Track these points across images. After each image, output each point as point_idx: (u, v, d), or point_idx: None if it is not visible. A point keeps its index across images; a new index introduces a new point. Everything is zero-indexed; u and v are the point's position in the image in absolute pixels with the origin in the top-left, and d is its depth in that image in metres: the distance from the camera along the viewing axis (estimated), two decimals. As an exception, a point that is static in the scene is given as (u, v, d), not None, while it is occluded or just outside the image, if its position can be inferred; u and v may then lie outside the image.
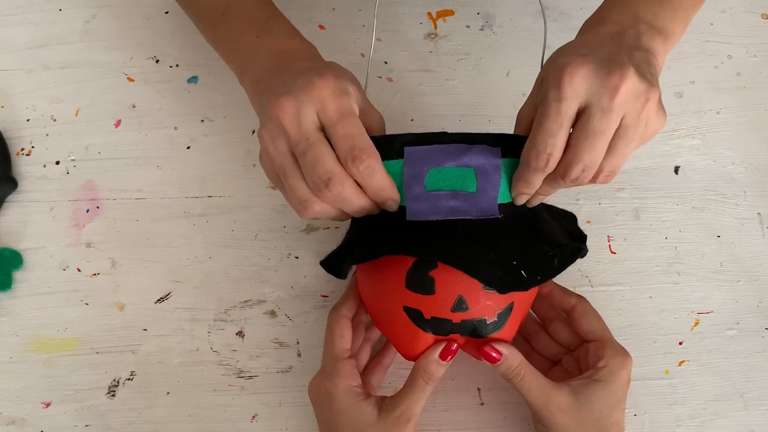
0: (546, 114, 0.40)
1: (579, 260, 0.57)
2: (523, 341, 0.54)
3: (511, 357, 0.46)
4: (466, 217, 0.44)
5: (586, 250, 0.48)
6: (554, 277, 0.45)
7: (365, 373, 0.52)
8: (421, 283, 0.45)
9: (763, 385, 0.55)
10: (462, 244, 0.44)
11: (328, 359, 0.48)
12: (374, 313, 0.49)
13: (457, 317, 0.45)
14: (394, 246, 0.45)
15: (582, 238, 0.51)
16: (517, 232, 0.45)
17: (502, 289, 0.44)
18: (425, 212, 0.44)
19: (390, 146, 0.44)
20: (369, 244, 0.46)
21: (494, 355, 0.46)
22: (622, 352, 0.48)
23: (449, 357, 0.46)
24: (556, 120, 0.40)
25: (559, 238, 0.47)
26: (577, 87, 0.39)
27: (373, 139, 0.43)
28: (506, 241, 0.44)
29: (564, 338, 0.52)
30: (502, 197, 0.44)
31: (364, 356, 0.53)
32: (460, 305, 0.45)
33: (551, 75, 0.40)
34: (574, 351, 0.51)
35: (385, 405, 0.46)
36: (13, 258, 0.57)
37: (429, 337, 0.46)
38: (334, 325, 0.49)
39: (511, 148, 0.44)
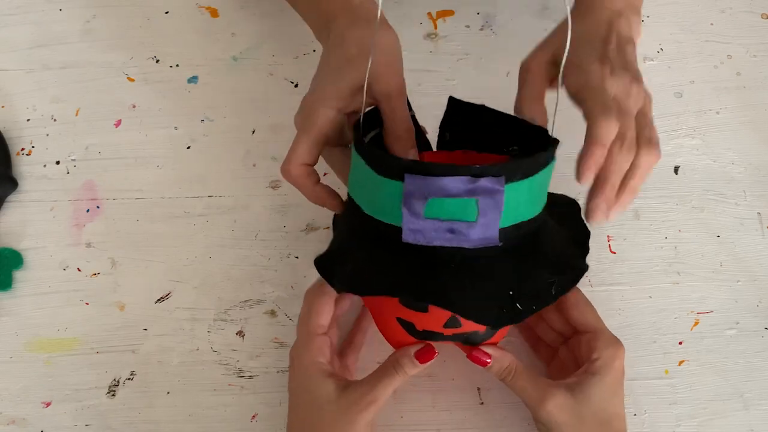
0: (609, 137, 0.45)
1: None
2: (527, 329, 0.54)
3: (500, 358, 0.47)
4: (463, 246, 0.42)
5: (587, 267, 0.48)
6: (550, 305, 0.45)
7: (339, 356, 0.52)
8: (415, 305, 0.45)
9: (763, 384, 0.55)
10: (456, 281, 0.42)
11: (301, 333, 0.49)
12: (368, 306, 0.50)
13: (449, 332, 0.45)
14: (385, 285, 0.43)
15: (586, 234, 0.50)
16: (516, 256, 0.43)
17: (496, 326, 0.45)
18: (421, 239, 0.42)
19: (392, 168, 0.42)
20: (362, 270, 0.44)
21: (483, 358, 0.47)
22: (614, 342, 0.48)
23: (425, 361, 0.46)
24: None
25: (562, 253, 0.46)
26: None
27: (379, 156, 0.43)
28: (503, 270, 0.43)
29: (558, 327, 0.52)
30: (504, 221, 0.42)
31: (333, 335, 0.51)
32: (453, 323, 0.45)
33: (606, 105, 0.45)
34: (569, 339, 0.51)
35: (349, 386, 0.46)
36: (14, 258, 0.57)
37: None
38: (315, 300, 0.48)
39: (513, 174, 0.41)
